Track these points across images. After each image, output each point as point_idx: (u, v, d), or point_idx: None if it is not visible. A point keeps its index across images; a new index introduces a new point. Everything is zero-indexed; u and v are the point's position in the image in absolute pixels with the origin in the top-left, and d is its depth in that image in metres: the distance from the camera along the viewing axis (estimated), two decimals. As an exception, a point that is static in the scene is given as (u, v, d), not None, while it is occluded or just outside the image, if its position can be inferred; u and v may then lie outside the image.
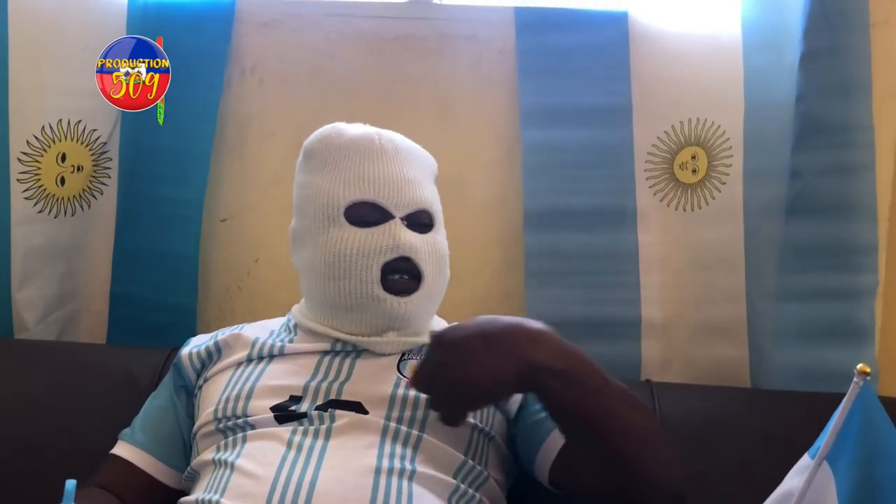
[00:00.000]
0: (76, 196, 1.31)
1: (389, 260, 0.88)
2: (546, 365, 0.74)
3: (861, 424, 0.68)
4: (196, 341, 0.99)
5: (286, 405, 0.85)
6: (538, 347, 0.75)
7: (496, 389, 0.76)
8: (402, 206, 0.90)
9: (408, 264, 0.89)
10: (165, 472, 0.92)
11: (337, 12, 1.31)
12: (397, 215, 0.90)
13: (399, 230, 0.88)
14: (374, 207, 0.89)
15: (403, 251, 0.88)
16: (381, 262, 0.87)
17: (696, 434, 1.06)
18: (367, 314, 0.89)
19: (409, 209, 0.91)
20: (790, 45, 1.11)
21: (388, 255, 0.88)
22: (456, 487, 0.82)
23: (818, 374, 1.13)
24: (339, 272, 0.88)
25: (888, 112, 1.15)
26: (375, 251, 0.87)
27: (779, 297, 1.16)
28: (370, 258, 0.87)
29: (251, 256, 1.34)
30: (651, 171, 1.25)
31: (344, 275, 0.88)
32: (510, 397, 0.85)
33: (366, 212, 0.89)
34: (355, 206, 0.90)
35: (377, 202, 0.89)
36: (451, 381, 0.75)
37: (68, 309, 1.34)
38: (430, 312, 0.95)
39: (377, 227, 0.89)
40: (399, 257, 0.88)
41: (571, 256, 1.24)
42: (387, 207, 0.89)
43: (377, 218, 0.89)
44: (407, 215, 0.90)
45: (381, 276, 0.88)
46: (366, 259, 0.87)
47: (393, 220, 0.89)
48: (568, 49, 1.25)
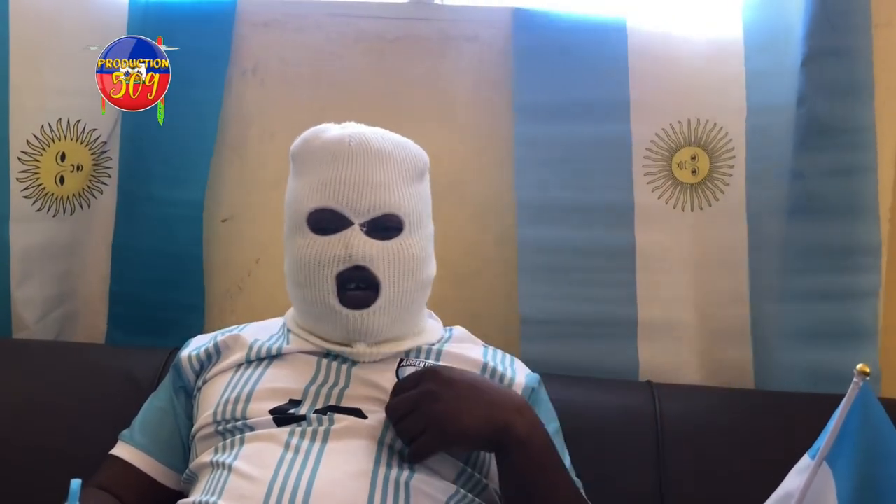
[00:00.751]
0: (75, 195, 1.31)
1: (342, 270, 0.86)
2: (518, 434, 0.78)
3: (861, 425, 0.68)
4: (196, 343, 0.98)
5: (285, 408, 0.85)
6: (520, 418, 0.80)
7: (469, 437, 0.79)
8: (361, 211, 0.87)
9: (364, 273, 0.86)
10: (165, 474, 0.92)
11: (338, 13, 1.31)
12: (356, 222, 0.87)
13: (354, 238, 0.86)
14: (333, 214, 0.88)
15: (356, 260, 0.86)
16: (334, 273, 0.86)
17: (696, 435, 1.06)
18: (329, 324, 0.89)
19: (371, 214, 0.88)
20: (792, 47, 1.11)
21: (340, 265, 0.86)
22: (455, 492, 0.82)
23: (822, 375, 1.13)
24: (302, 279, 0.88)
25: (890, 113, 1.15)
26: (329, 261, 0.86)
27: (782, 298, 1.16)
28: (325, 268, 0.86)
29: (252, 257, 1.34)
30: (649, 167, 1.25)
31: (306, 283, 0.88)
32: (469, 450, 0.86)
33: (325, 219, 0.88)
34: (316, 213, 0.88)
35: (335, 209, 0.87)
36: (435, 413, 0.78)
37: (67, 308, 1.34)
38: (402, 318, 0.91)
39: (334, 234, 0.87)
40: (353, 267, 0.86)
41: (566, 253, 1.23)
42: (345, 214, 0.87)
43: (335, 225, 0.87)
44: (368, 221, 0.87)
45: (338, 288, 0.86)
46: (321, 269, 0.87)
47: (351, 227, 0.87)
48: (566, 51, 1.24)
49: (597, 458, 0.95)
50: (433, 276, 0.95)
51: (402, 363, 0.90)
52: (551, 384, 0.97)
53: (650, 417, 1.07)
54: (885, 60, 1.14)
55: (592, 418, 1.06)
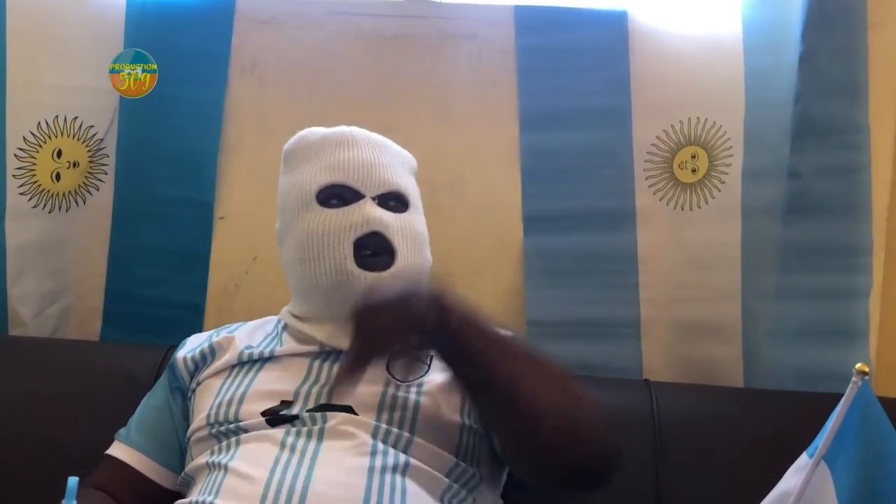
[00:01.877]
0: (71, 192, 1.30)
1: (361, 235, 0.88)
2: (468, 318, 0.76)
3: (859, 424, 0.68)
4: (191, 343, 0.99)
5: (277, 409, 0.85)
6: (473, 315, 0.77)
7: (417, 319, 0.73)
8: (372, 186, 0.91)
9: (380, 239, 0.89)
10: (161, 474, 0.92)
11: (337, 10, 1.31)
12: (368, 195, 0.91)
13: (369, 207, 0.89)
14: (345, 189, 0.91)
15: (374, 226, 0.88)
16: (352, 238, 0.88)
17: (693, 433, 1.07)
18: (343, 293, 0.87)
19: (381, 190, 0.91)
20: (790, 46, 1.12)
21: (358, 230, 0.88)
22: (448, 486, 0.82)
23: (812, 374, 1.14)
24: (314, 253, 0.89)
25: (885, 113, 1.16)
26: (346, 227, 0.88)
27: (775, 297, 1.16)
28: (341, 235, 0.88)
29: (249, 255, 1.33)
30: (651, 170, 1.25)
31: (318, 255, 0.89)
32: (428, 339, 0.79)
33: (336, 193, 0.91)
34: (326, 189, 0.91)
35: (347, 184, 0.91)
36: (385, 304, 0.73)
37: (62, 305, 1.33)
38: None
39: (348, 206, 0.90)
40: (370, 232, 0.88)
41: (571, 258, 1.24)
42: (357, 188, 0.91)
43: (348, 198, 0.90)
44: (378, 195, 0.91)
45: (354, 253, 0.88)
46: (337, 237, 0.88)
47: (363, 199, 0.90)
48: (567, 48, 1.25)
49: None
50: (430, 265, 0.97)
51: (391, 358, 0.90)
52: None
53: (647, 415, 1.07)
54: (880, 60, 1.15)
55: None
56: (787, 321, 1.16)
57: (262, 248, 1.33)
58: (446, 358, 0.78)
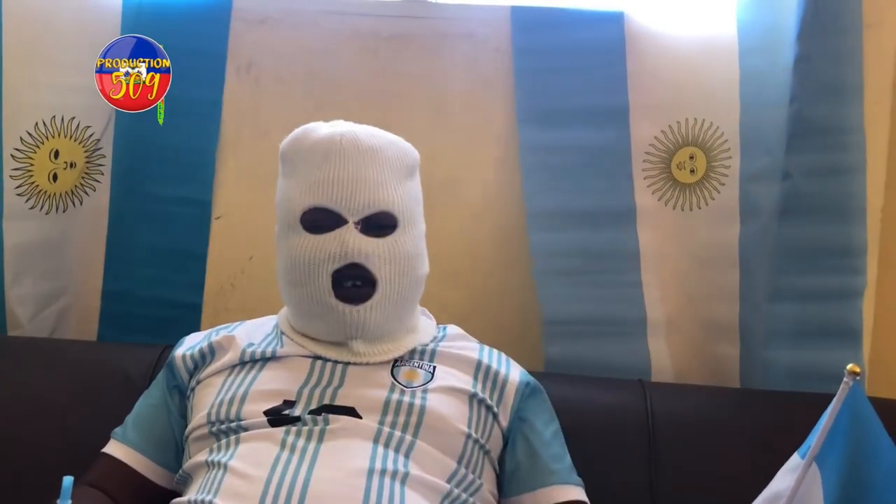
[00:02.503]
0: (68, 192, 1.30)
1: (339, 268, 0.86)
2: None
3: (850, 424, 0.69)
4: (189, 341, 0.98)
5: (280, 409, 0.85)
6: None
7: None
8: (356, 209, 0.87)
9: (360, 270, 0.87)
10: (157, 472, 0.92)
11: (333, 10, 1.31)
12: (350, 220, 0.87)
13: (349, 236, 0.86)
14: (327, 213, 0.88)
15: (352, 258, 0.86)
16: (330, 270, 0.86)
17: (688, 434, 1.07)
18: (325, 322, 0.89)
19: (365, 212, 0.88)
20: (785, 47, 1.12)
21: (336, 262, 0.86)
22: (449, 492, 0.82)
23: (807, 375, 1.14)
24: (297, 278, 0.89)
25: (880, 114, 1.16)
26: (324, 259, 0.86)
27: (771, 298, 1.17)
28: (320, 266, 0.87)
29: (245, 254, 1.34)
30: (649, 170, 1.26)
31: (300, 281, 0.88)
32: None
33: (319, 217, 0.88)
34: (310, 212, 0.89)
35: (329, 207, 0.88)
36: None
37: (60, 305, 1.33)
38: (397, 315, 0.92)
39: (328, 233, 0.87)
40: (349, 264, 0.86)
41: (576, 255, 1.23)
42: (339, 212, 0.88)
43: (330, 223, 0.88)
44: (363, 219, 0.88)
45: (333, 284, 0.86)
46: (316, 267, 0.87)
47: (345, 225, 0.87)
48: (564, 48, 1.25)
49: (589, 456, 0.96)
50: (426, 273, 0.95)
51: (396, 363, 0.91)
52: (543, 382, 0.98)
53: (642, 416, 1.07)
54: (875, 61, 1.15)
55: (585, 416, 1.06)
56: (783, 322, 1.16)
57: (258, 247, 1.33)
58: None
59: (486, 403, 0.90)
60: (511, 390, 0.92)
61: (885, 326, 1.21)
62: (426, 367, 0.91)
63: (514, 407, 0.92)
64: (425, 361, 0.92)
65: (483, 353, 0.96)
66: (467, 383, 0.90)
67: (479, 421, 0.88)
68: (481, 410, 0.89)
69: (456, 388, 0.89)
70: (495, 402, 0.91)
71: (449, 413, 0.86)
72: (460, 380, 0.90)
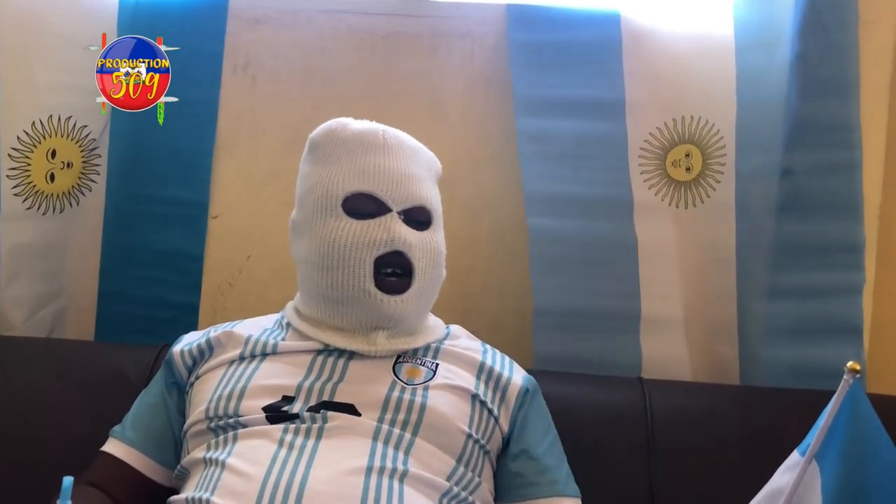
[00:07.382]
0: (65, 193, 1.30)
1: (383, 254, 0.87)
2: None
3: (849, 421, 0.69)
4: (188, 338, 0.98)
5: (278, 405, 0.85)
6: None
7: None
8: (400, 200, 0.89)
9: (400, 259, 0.88)
10: (156, 470, 0.92)
11: (329, 9, 1.31)
12: (395, 209, 0.89)
13: (395, 224, 0.88)
14: (372, 199, 0.89)
15: (397, 245, 0.87)
16: (374, 256, 0.87)
17: (686, 431, 1.07)
18: (357, 309, 0.88)
19: (408, 204, 0.90)
20: (781, 44, 1.12)
21: (381, 248, 0.87)
22: (448, 489, 0.82)
23: (807, 372, 1.14)
24: (333, 262, 0.88)
25: (877, 111, 1.17)
26: (369, 244, 0.87)
27: (769, 295, 1.17)
28: (364, 251, 0.87)
29: (243, 254, 1.34)
30: (644, 166, 1.25)
31: (337, 265, 0.87)
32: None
33: (363, 203, 0.89)
34: (353, 198, 0.89)
35: (375, 194, 0.89)
36: None
37: (56, 307, 1.33)
38: (421, 311, 0.94)
39: (373, 219, 0.88)
40: (392, 251, 0.87)
41: (573, 244, 1.22)
42: (384, 200, 0.89)
43: (374, 210, 0.89)
44: (405, 210, 0.90)
45: (374, 271, 0.87)
46: (359, 251, 0.87)
47: (390, 213, 0.89)
48: (560, 46, 1.25)
49: (587, 453, 0.96)
50: (444, 279, 0.96)
51: (399, 360, 0.91)
52: (542, 380, 0.98)
53: (640, 413, 1.07)
54: (872, 58, 1.15)
55: (584, 413, 1.06)
56: (782, 319, 1.17)
57: (255, 247, 1.33)
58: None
59: (488, 406, 0.90)
60: (513, 394, 0.92)
61: (883, 323, 1.21)
62: (429, 365, 0.91)
63: (515, 411, 0.92)
64: (428, 358, 0.92)
65: (487, 354, 0.96)
66: (470, 383, 0.90)
67: (480, 421, 0.88)
68: (483, 411, 0.89)
69: (458, 386, 0.89)
70: (497, 405, 0.91)
71: (450, 412, 0.86)
72: (463, 379, 0.91)
